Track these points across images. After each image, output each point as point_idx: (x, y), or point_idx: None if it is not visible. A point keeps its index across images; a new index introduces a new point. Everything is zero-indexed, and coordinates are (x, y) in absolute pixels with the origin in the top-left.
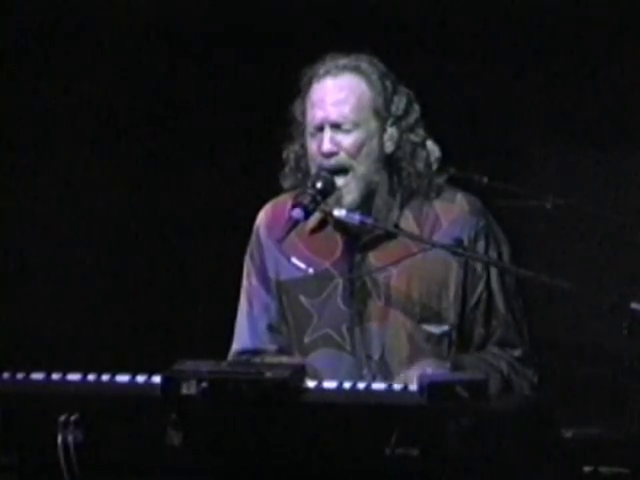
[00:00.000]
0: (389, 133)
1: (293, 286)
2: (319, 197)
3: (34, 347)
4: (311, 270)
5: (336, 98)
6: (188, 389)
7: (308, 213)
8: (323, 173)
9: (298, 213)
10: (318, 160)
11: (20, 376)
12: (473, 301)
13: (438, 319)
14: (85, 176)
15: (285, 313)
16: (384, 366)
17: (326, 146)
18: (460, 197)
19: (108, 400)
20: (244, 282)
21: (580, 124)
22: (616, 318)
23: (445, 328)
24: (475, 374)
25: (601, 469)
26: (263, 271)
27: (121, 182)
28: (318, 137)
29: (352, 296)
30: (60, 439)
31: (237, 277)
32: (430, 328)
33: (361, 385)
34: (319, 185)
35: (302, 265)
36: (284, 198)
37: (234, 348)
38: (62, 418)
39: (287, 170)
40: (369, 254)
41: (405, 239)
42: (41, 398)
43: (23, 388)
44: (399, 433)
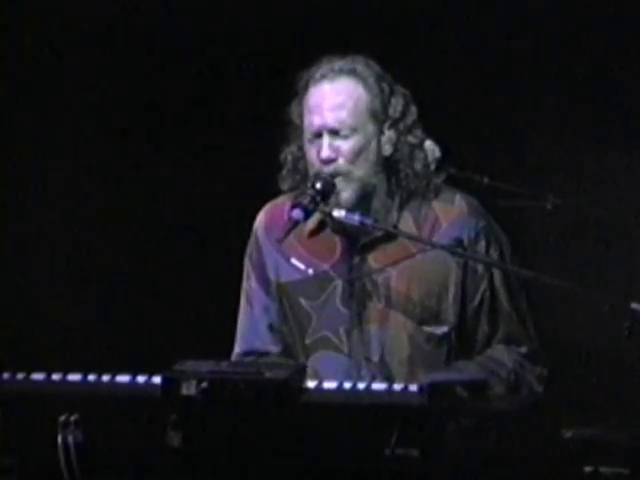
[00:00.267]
0: (387, 136)
1: (293, 288)
2: (319, 198)
3: (34, 347)
4: (310, 271)
5: (333, 103)
6: (188, 389)
7: (308, 214)
8: (323, 174)
9: (298, 214)
10: (317, 166)
11: (20, 376)
12: (476, 301)
13: (438, 320)
14: (85, 176)
15: (286, 315)
16: (384, 368)
17: (325, 153)
18: (459, 198)
19: (108, 400)
20: (244, 284)
21: (580, 124)
22: (616, 318)
23: (445, 329)
24: (475, 374)
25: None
26: (262, 272)
27: (121, 182)
28: (316, 143)
29: (351, 298)
30: (60, 439)
31: (237, 278)
32: (431, 329)
33: (361, 385)
34: (319, 186)
35: (301, 266)
36: (283, 199)
37: (237, 350)
38: (62, 418)
39: (285, 172)
40: (368, 256)
41: (404, 240)
42: (41, 398)
43: (23, 388)
44: (399, 433)
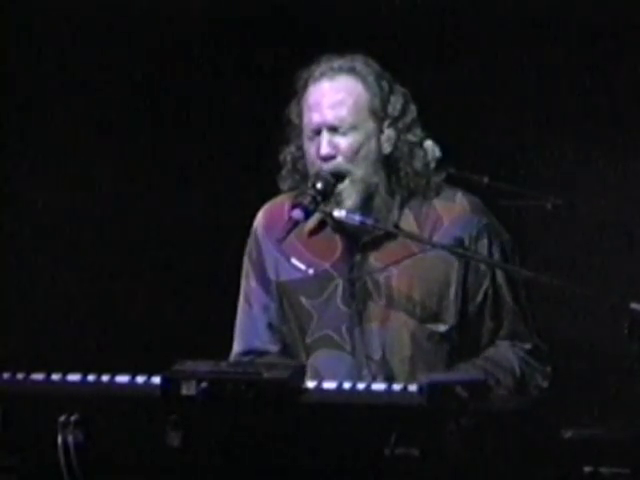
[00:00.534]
0: (386, 134)
1: (293, 287)
2: (319, 198)
3: (34, 347)
4: (311, 271)
5: (333, 101)
6: (188, 389)
7: (308, 214)
8: (323, 174)
9: (298, 214)
10: (317, 164)
11: (20, 376)
12: (479, 298)
13: (440, 318)
14: (85, 176)
15: (286, 314)
16: (385, 366)
17: (324, 150)
18: (460, 196)
19: (108, 400)
20: (243, 283)
21: (580, 124)
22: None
23: (447, 326)
24: (475, 374)
25: (601, 469)
26: (262, 272)
27: (120, 182)
28: (316, 140)
29: (352, 297)
30: (60, 439)
31: (237, 277)
32: (432, 327)
33: (361, 385)
34: (319, 186)
35: (302, 266)
36: (282, 199)
37: (235, 350)
38: (62, 418)
39: (284, 172)
40: (369, 254)
41: (405, 239)
42: (41, 398)
43: (23, 388)
44: (399, 433)
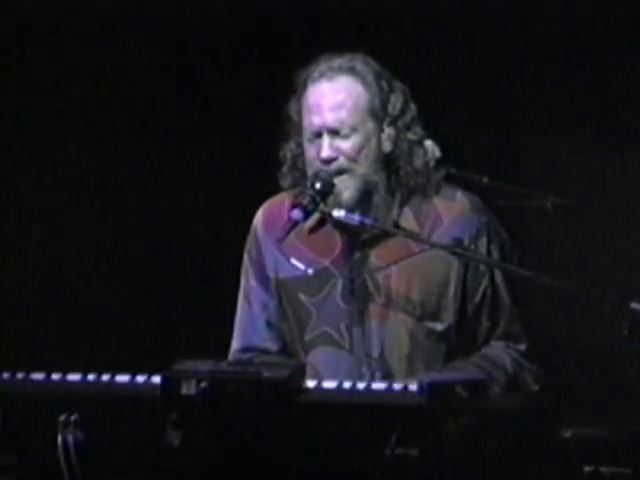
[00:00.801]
0: (386, 133)
1: (293, 284)
2: (318, 197)
3: (34, 347)
4: (310, 271)
5: (333, 103)
6: (188, 389)
7: (307, 214)
8: (322, 173)
9: (297, 214)
10: (316, 165)
11: (20, 376)
12: (478, 297)
13: (439, 316)
14: (84, 176)
15: (285, 311)
16: (384, 364)
17: (325, 153)
18: (460, 195)
19: (108, 400)
20: (242, 281)
21: (580, 124)
22: (616, 318)
23: (446, 325)
24: (475, 374)
25: (601, 469)
26: (261, 270)
27: (120, 181)
28: (316, 143)
29: (352, 294)
30: (60, 439)
31: (237, 277)
32: (431, 325)
33: (361, 385)
34: (318, 186)
35: (302, 266)
36: (281, 197)
37: (234, 347)
38: (62, 418)
39: (285, 169)
40: (369, 252)
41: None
42: (41, 398)
43: (23, 388)
44: (399, 433)
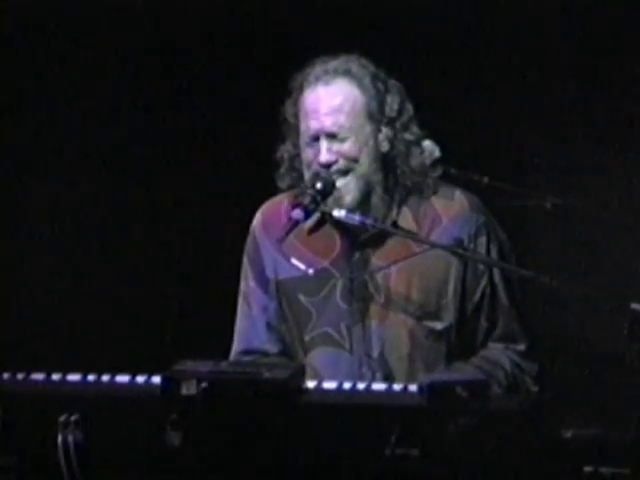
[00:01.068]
0: (384, 133)
1: (292, 285)
2: (319, 197)
3: (34, 347)
4: (311, 271)
5: (330, 107)
6: (188, 389)
7: (308, 214)
8: (322, 173)
9: (298, 214)
10: (314, 167)
11: (20, 376)
12: (477, 297)
13: (438, 315)
14: (84, 176)
15: (285, 312)
16: (384, 364)
17: (324, 157)
18: (459, 194)
19: (108, 400)
20: (242, 283)
21: (580, 124)
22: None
23: (446, 324)
24: (475, 375)
25: (601, 469)
26: (261, 271)
27: (120, 181)
28: (314, 146)
29: (351, 294)
30: (60, 439)
31: (237, 277)
32: (431, 324)
33: (361, 385)
34: (319, 185)
35: (301, 265)
36: (280, 198)
37: (234, 349)
38: (62, 418)
39: (282, 170)
40: (368, 252)
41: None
42: (41, 398)
43: (23, 388)
44: (399, 433)
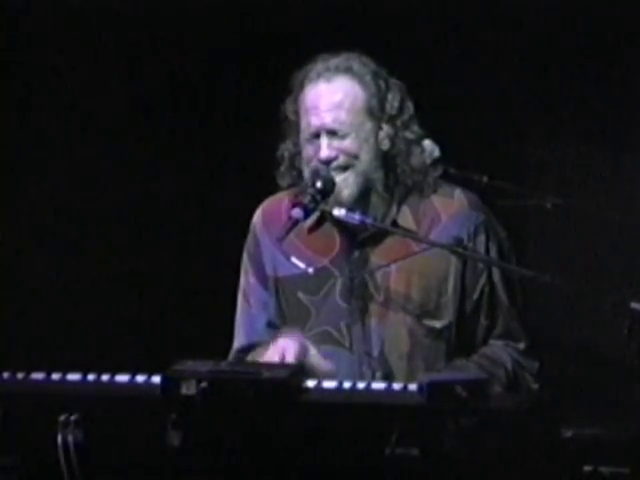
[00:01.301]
0: (384, 131)
1: (292, 283)
2: (319, 196)
3: (34, 347)
4: (310, 270)
5: (330, 103)
6: (188, 389)
7: (308, 213)
8: (322, 172)
9: (298, 213)
10: (314, 164)
11: (20, 376)
12: (476, 295)
13: (438, 314)
14: (84, 176)
15: (284, 310)
16: (384, 362)
17: (324, 153)
18: (458, 192)
19: (108, 400)
20: (242, 280)
21: (580, 124)
22: (616, 318)
23: (445, 322)
24: (475, 374)
25: (601, 469)
26: (260, 268)
27: (119, 181)
28: (315, 143)
29: (351, 293)
30: (60, 439)
31: (236, 276)
32: (430, 322)
33: (361, 385)
34: (319, 184)
35: (302, 265)
36: (280, 196)
37: (235, 346)
38: (62, 418)
39: (282, 168)
40: (368, 250)
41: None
42: (41, 398)
43: (23, 388)
44: (399, 433)
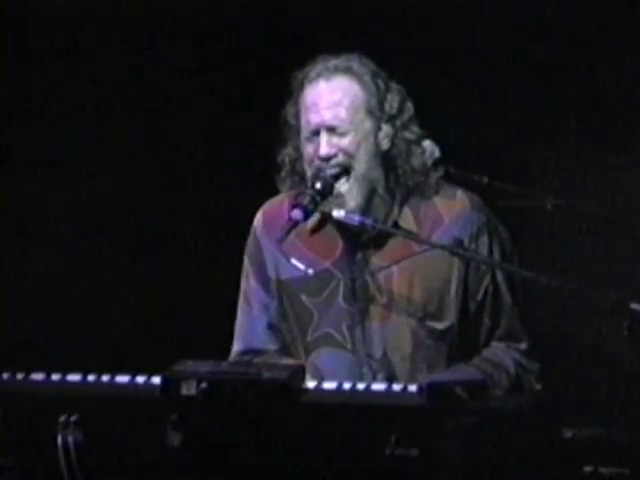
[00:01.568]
0: (384, 131)
1: (294, 285)
2: (318, 198)
3: (34, 347)
4: (311, 271)
5: (330, 101)
6: (188, 389)
7: (307, 214)
8: (322, 174)
9: (297, 214)
10: (316, 163)
11: (20, 376)
12: (479, 296)
13: (441, 315)
14: (85, 176)
15: (286, 312)
16: (386, 364)
17: (324, 150)
18: (460, 193)
19: (108, 400)
20: (243, 282)
21: (580, 124)
22: (616, 318)
23: (448, 324)
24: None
25: (601, 469)
26: (262, 271)
27: (120, 182)
28: (314, 141)
29: (353, 295)
30: (60, 439)
31: (237, 277)
32: (433, 324)
33: (361, 386)
34: (318, 186)
35: (302, 266)
36: (281, 198)
37: (235, 349)
38: (62, 418)
39: (283, 173)
40: (370, 252)
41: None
42: (41, 398)
43: (23, 388)
44: (399, 433)
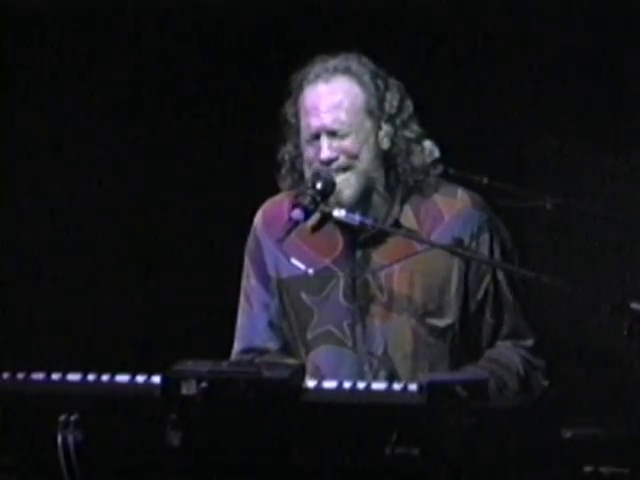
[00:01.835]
0: (384, 130)
1: (294, 283)
2: (319, 197)
3: (34, 347)
4: (311, 271)
5: (330, 104)
6: (188, 389)
7: (308, 214)
8: (323, 173)
9: (298, 214)
10: (315, 165)
11: (20, 376)
12: (480, 294)
13: (441, 313)
14: (85, 176)
15: (287, 310)
16: (387, 362)
17: (325, 154)
18: (461, 192)
19: (108, 400)
20: (243, 281)
21: (580, 124)
22: (616, 318)
23: (448, 321)
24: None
25: (601, 469)
26: (262, 270)
27: (121, 181)
28: (315, 144)
29: (354, 293)
30: (60, 439)
31: (237, 277)
32: (433, 322)
33: (361, 385)
34: (319, 185)
35: (302, 266)
36: (281, 197)
37: (236, 348)
38: (62, 418)
39: (283, 171)
40: (370, 251)
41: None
42: (41, 398)
43: (23, 388)
44: (399, 433)
